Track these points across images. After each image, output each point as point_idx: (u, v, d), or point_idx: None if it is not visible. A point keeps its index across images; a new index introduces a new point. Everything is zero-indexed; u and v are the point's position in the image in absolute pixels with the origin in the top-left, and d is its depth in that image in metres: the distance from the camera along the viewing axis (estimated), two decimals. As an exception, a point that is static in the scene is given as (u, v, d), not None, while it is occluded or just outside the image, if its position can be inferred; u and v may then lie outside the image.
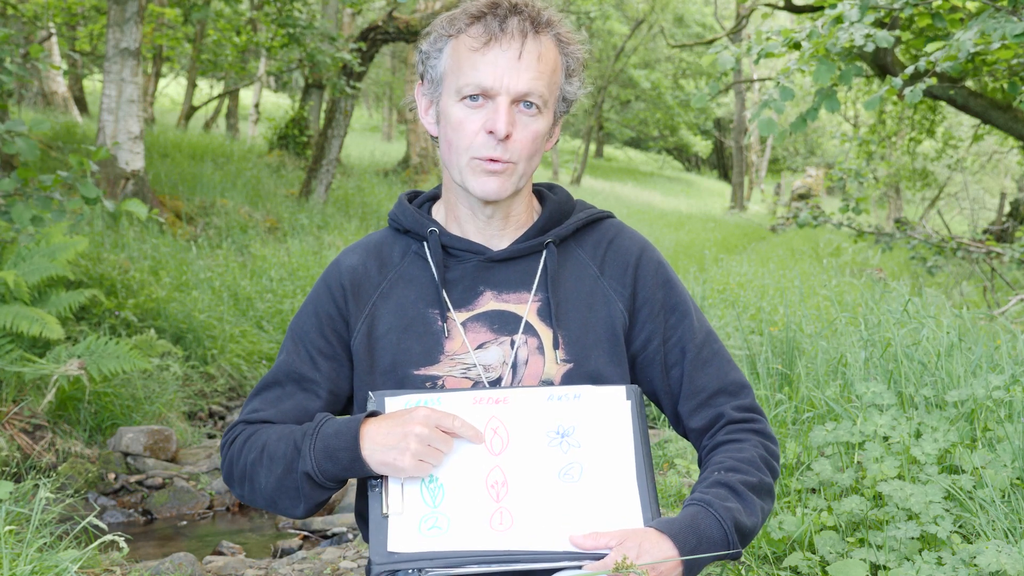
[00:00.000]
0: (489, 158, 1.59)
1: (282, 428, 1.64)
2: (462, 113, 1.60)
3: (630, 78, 34.49)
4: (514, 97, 1.58)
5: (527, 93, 1.58)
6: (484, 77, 1.57)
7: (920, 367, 3.74)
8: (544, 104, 1.60)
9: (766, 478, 1.64)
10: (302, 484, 1.58)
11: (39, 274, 5.01)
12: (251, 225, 9.84)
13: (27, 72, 8.48)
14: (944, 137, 16.60)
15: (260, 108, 20.76)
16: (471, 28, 1.59)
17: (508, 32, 1.57)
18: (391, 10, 11.69)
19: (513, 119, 1.58)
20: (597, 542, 1.48)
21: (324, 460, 1.55)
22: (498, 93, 1.57)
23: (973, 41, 4.51)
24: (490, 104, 1.58)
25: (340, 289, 1.72)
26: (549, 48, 1.61)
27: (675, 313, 1.73)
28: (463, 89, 1.59)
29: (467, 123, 1.59)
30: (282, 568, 3.59)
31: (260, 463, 1.61)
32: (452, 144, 1.62)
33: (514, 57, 1.57)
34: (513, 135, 1.59)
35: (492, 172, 1.60)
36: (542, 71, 1.59)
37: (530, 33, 1.58)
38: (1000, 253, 7.90)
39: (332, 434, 1.55)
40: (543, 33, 1.60)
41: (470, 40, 1.58)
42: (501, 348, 1.67)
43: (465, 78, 1.58)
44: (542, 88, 1.59)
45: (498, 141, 1.58)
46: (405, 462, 1.49)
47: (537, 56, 1.58)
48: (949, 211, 24.92)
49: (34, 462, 4.29)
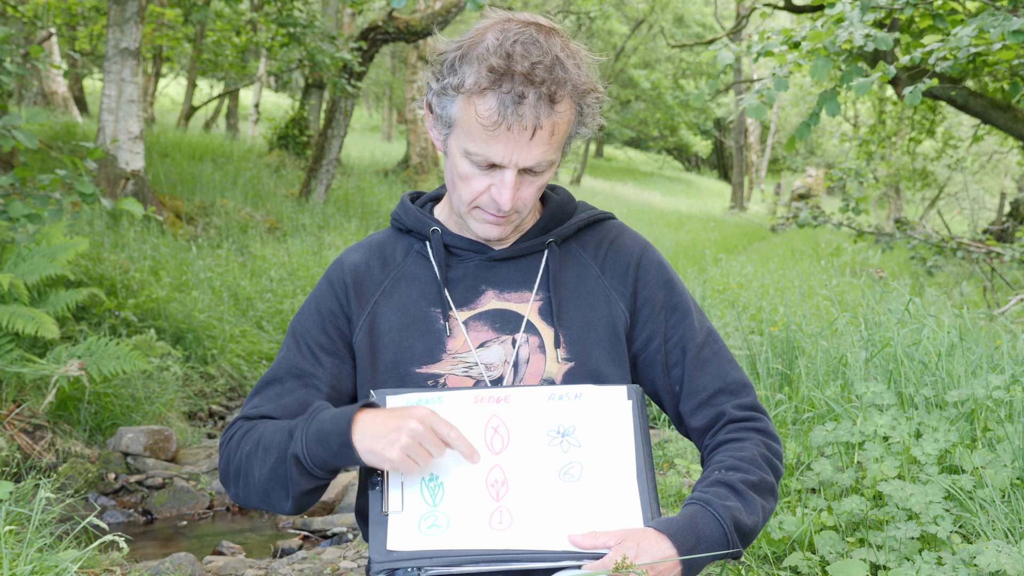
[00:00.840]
0: (492, 214, 1.61)
1: (280, 421, 1.63)
2: (469, 170, 1.58)
3: (630, 78, 34.49)
4: (522, 168, 1.57)
5: (535, 166, 1.57)
6: (493, 154, 1.53)
7: (920, 367, 3.74)
8: (551, 164, 1.60)
9: (767, 476, 1.63)
10: (291, 470, 1.55)
11: (38, 274, 5.01)
12: (251, 225, 9.84)
13: (27, 72, 8.47)
14: (944, 137, 16.61)
15: (260, 108, 20.76)
16: (484, 100, 1.50)
17: (521, 116, 1.50)
18: (391, 10, 11.69)
19: (519, 185, 1.58)
20: (596, 541, 1.48)
21: (315, 444, 1.53)
22: (506, 167, 1.56)
23: (971, 38, 4.51)
24: (498, 173, 1.57)
25: (343, 286, 1.72)
26: (564, 114, 1.55)
27: (676, 313, 1.73)
28: (472, 156, 1.56)
29: (473, 181, 1.58)
30: (282, 568, 3.59)
31: (255, 454, 1.60)
32: (456, 188, 1.62)
33: (525, 140, 1.52)
34: (518, 194, 1.59)
35: (495, 223, 1.63)
36: (553, 144, 1.55)
37: (544, 111, 1.51)
38: (1000, 253, 7.90)
39: (327, 419, 1.54)
40: (560, 103, 1.53)
41: (481, 114, 1.51)
42: (503, 347, 1.67)
43: (474, 147, 1.54)
44: (552, 155, 1.57)
45: (502, 211, 1.59)
46: (392, 453, 1.47)
47: (550, 133, 1.53)
48: (949, 211, 24.93)
49: (34, 462, 4.29)
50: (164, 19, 14.79)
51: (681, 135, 41.25)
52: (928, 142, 17.62)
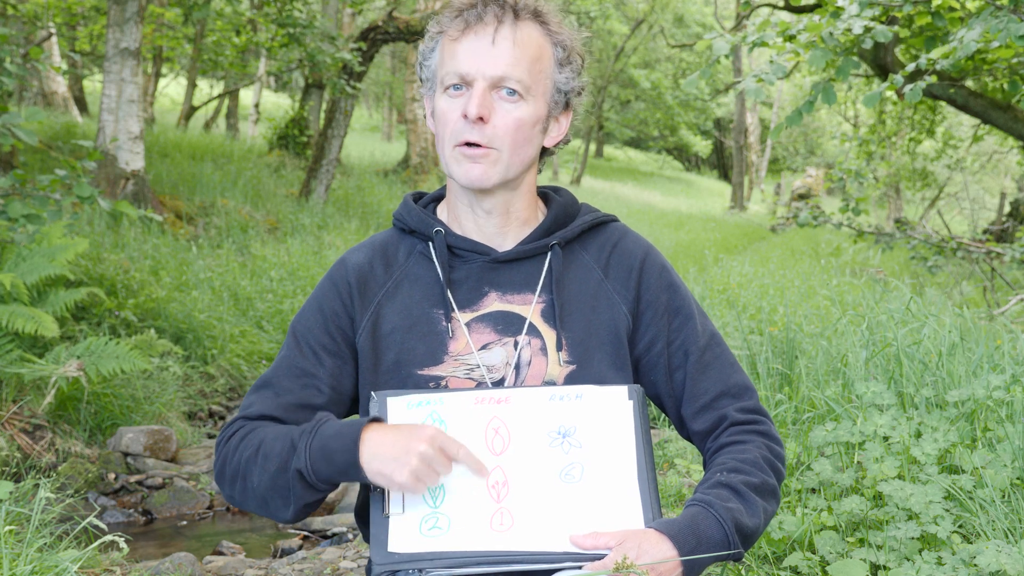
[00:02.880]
0: (466, 142, 1.60)
1: (280, 426, 1.61)
2: (445, 104, 1.62)
3: (630, 78, 34.49)
4: (491, 82, 1.59)
5: (503, 77, 1.58)
6: (461, 64, 1.59)
7: (920, 367, 3.74)
8: (527, 91, 1.60)
9: (769, 479, 1.63)
10: (293, 483, 1.54)
11: (38, 274, 5.01)
12: (251, 225, 9.84)
13: (27, 72, 8.46)
14: (944, 137, 16.60)
15: (260, 108, 20.76)
16: (454, 21, 1.62)
17: (484, 19, 1.59)
18: (391, 10, 11.70)
19: (490, 104, 1.59)
20: (597, 542, 1.48)
21: (319, 460, 1.52)
22: (475, 79, 1.59)
23: (976, 40, 4.51)
24: (468, 91, 1.60)
25: (346, 286, 1.72)
26: (530, 35, 1.61)
27: (679, 316, 1.73)
28: (445, 79, 1.62)
29: (448, 112, 1.61)
30: (282, 568, 3.59)
31: (255, 460, 1.58)
32: (439, 136, 1.65)
33: (488, 42, 1.58)
34: (492, 120, 1.59)
35: (473, 159, 1.61)
36: (519, 56, 1.59)
37: (507, 19, 1.60)
38: (1000, 253, 7.90)
39: (331, 435, 1.52)
40: (523, 20, 1.61)
41: (451, 33, 1.61)
42: (505, 349, 1.67)
43: (445, 68, 1.61)
44: (520, 73, 1.59)
45: (472, 124, 1.58)
46: (403, 477, 1.47)
47: (512, 41, 1.59)
48: (949, 211, 24.93)
49: (34, 462, 4.29)
50: (164, 19, 14.79)
51: (681, 135, 41.24)
52: (928, 142, 17.62)
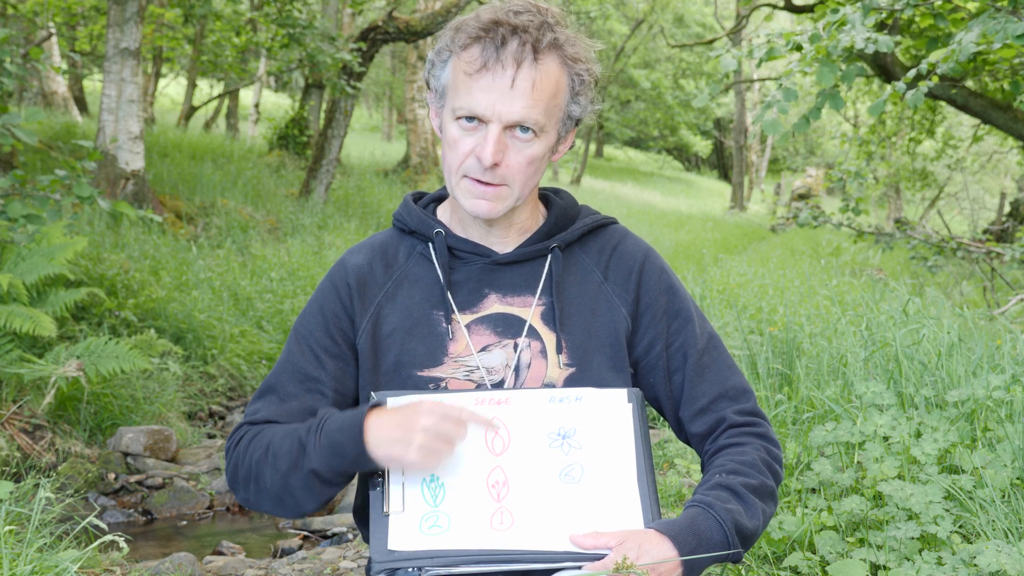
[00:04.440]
0: (478, 180, 1.59)
1: (287, 426, 1.62)
2: (457, 133, 1.59)
3: (630, 78, 34.49)
4: (506, 124, 1.56)
5: (520, 121, 1.55)
6: (476, 103, 1.55)
7: (920, 367, 3.74)
8: (541, 129, 1.58)
9: (768, 481, 1.63)
10: (310, 481, 1.56)
11: (37, 273, 5.01)
12: (251, 225, 9.84)
13: (27, 72, 8.46)
14: (944, 137, 16.61)
15: (260, 108, 20.75)
16: (469, 50, 1.55)
17: (502, 59, 1.53)
18: (391, 10, 11.69)
19: (504, 145, 1.57)
20: (597, 542, 1.48)
21: (331, 456, 1.53)
22: (489, 120, 1.55)
23: (975, 43, 4.51)
24: (483, 129, 1.57)
25: (346, 288, 1.72)
26: (549, 72, 1.56)
27: (678, 319, 1.73)
28: (457, 111, 1.58)
29: (460, 144, 1.59)
30: (282, 568, 3.59)
31: (265, 461, 1.60)
32: (446, 160, 1.63)
33: (507, 86, 1.53)
34: (506, 160, 1.58)
35: (483, 195, 1.60)
36: (537, 98, 1.55)
37: (527, 59, 1.53)
38: (1000, 253, 7.90)
39: (336, 429, 1.54)
40: (544, 56, 1.55)
41: (466, 62, 1.55)
42: (504, 351, 1.67)
43: (459, 100, 1.57)
44: (537, 115, 1.56)
45: (485, 168, 1.57)
46: (411, 455, 1.48)
47: (532, 84, 1.54)
48: (949, 211, 24.93)
49: (34, 462, 4.29)
50: (164, 19, 14.79)
51: (681, 135, 41.24)
52: (928, 142, 17.62)
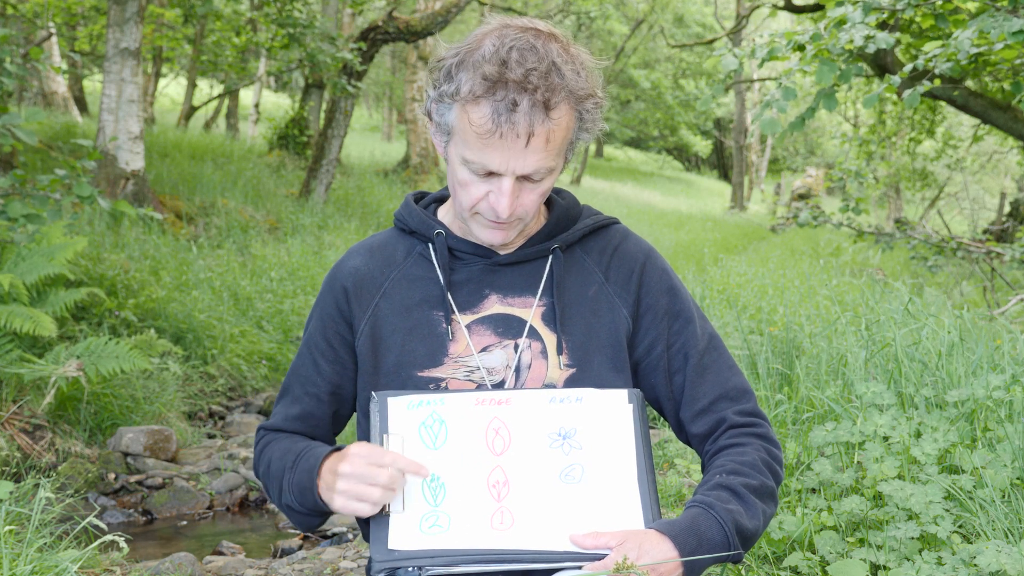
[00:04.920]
0: (494, 221, 1.60)
1: (284, 446, 1.70)
2: (467, 177, 1.57)
3: (630, 78, 34.48)
4: (520, 175, 1.55)
5: (534, 172, 1.55)
6: (489, 161, 1.52)
7: (920, 367, 3.74)
8: (550, 171, 1.58)
9: (768, 481, 1.63)
10: (291, 514, 1.68)
11: (37, 273, 5.01)
12: (251, 225, 9.84)
13: (27, 72, 8.46)
14: (944, 137, 16.61)
15: (260, 108, 20.75)
16: (478, 108, 1.49)
17: (515, 125, 1.48)
18: (391, 10, 11.69)
19: (518, 191, 1.56)
20: (597, 542, 1.49)
21: (300, 496, 1.62)
22: (504, 175, 1.54)
23: (972, 41, 4.50)
24: (496, 180, 1.55)
25: (343, 291, 1.73)
26: (560, 122, 1.52)
27: (678, 319, 1.73)
28: (469, 164, 1.55)
29: (472, 188, 1.57)
30: (282, 568, 3.59)
31: (268, 477, 1.71)
32: (456, 194, 1.62)
33: (520, 146, 1.50)
34: (519, 201, 1.58)
35: (497, 228, 1.61)
36: (550, 151, 1.53)
37: (539, 119, 1.49)
38: (1000, 253, 7.90)
39: (304, 470, 1.61)
40: (555, 109, 1.50)
41: (475, 122, 1.49)
42: (505, 352, 1.67)
43: (470, 154, 1.53)
44: (550, 162, 1.55)
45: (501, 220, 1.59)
46: (336, 502, 1.54)
47: (545, 140, 1.51)
48: (949, 211, 24.93)
49: (34, 462, 4.29)
50: (164, 19, 14.79)
51: (681, 135, 41.24)
52: (928, 142, 17.62)
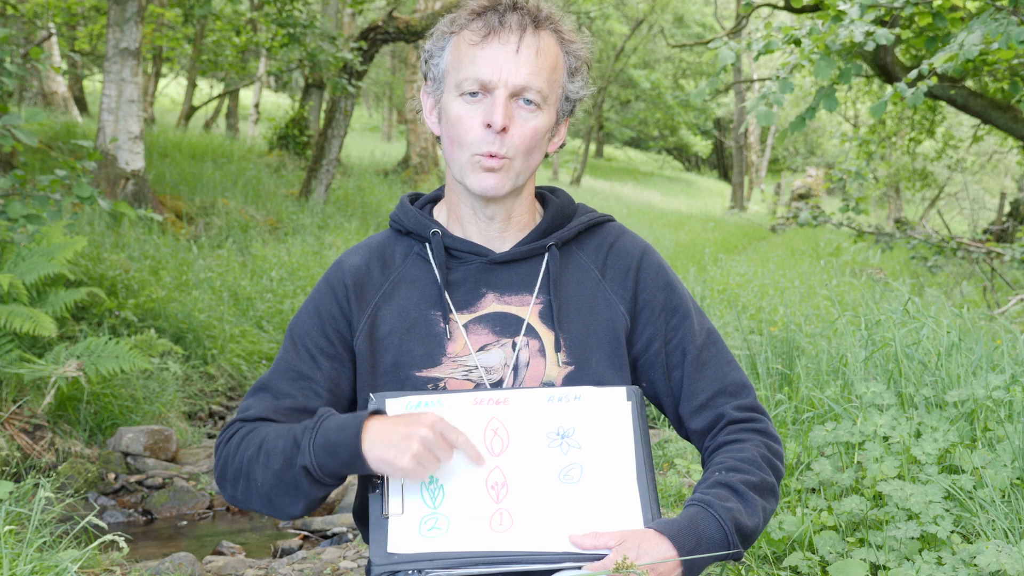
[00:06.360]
0: (488, 153, 1.60)
1: (281, 425, 1.61)
2: (462, 109, 1.61)
3: (630, 78, 34.48)
4: (512, 91, 1.59)
5: (525, 87, 1.59)
6: (482, 71, 1.58)
7: (920, 367, 3.74)
8: (544, 100, 1.61)
9: (768, 477, 1.63)
10: (300, 479, 1.55)
11: (37, 273, 5.01)
12: (251, 225, 9.84)
13: (27, 72, 8.46)
14: (944, 137, 16.61)
15: (260, 108, 20.75)
16: (472, 24, 1.62)
17: (507, 26, 1.59)
18: (391, 10, 11.69)
19: (511, 113, 1.59)
20: (597, 542, 1.48)
21: (323, 455, 1.53)
22: (496, 87, 1.59)
23: (976, 44, 4.50)
24: (488, 98, 1.60)
25: (343, 289, 1.72)
26: (549, 44, 1.62)
27: (676, 315, 1.73)
28: (462, 84, 1.60)
29: (467, 118, 1.61)
30: (282, 568, 3.59)
31: (257, 459, 1.58)
32: (453, 140, 1.63)
33: (512, 51, 1.58)
34: (511, 129, 1.60)
35: (490, 169, 1.61)
36: (541, 66, 1.60)
37: (529, 28, 1.60)
38: (1000, 253, 7.90)
39: (334, 428, 1.53)
40: (543, 29, 1.62)
41: (470, 35, 1.61)
42: (503, 350, 1.67)
43: (464, 72, 1.60)
44: (541, 83, 1.60)
45: (496, 134, 1.59)
46: (404, 461, 1.47)
47: (536, 51, 1.60)
48: (949, 211, 24.93)
49: (34, 462, 4.29)
50: (164, 19, 14.79)
51: (681, 135, 41.23)
52: (928, 142, 17.63)
